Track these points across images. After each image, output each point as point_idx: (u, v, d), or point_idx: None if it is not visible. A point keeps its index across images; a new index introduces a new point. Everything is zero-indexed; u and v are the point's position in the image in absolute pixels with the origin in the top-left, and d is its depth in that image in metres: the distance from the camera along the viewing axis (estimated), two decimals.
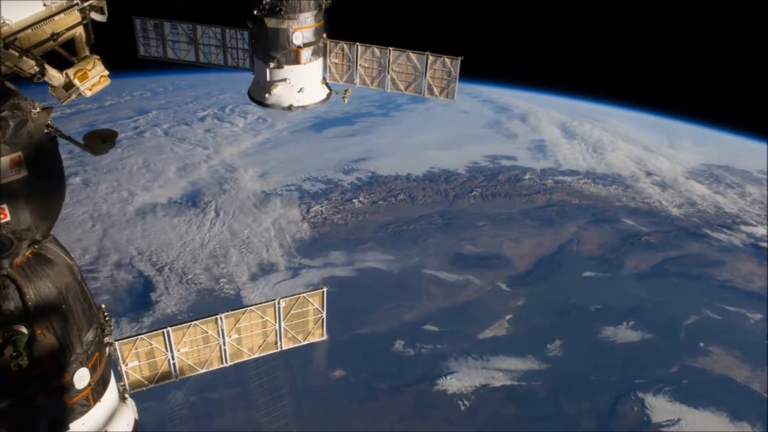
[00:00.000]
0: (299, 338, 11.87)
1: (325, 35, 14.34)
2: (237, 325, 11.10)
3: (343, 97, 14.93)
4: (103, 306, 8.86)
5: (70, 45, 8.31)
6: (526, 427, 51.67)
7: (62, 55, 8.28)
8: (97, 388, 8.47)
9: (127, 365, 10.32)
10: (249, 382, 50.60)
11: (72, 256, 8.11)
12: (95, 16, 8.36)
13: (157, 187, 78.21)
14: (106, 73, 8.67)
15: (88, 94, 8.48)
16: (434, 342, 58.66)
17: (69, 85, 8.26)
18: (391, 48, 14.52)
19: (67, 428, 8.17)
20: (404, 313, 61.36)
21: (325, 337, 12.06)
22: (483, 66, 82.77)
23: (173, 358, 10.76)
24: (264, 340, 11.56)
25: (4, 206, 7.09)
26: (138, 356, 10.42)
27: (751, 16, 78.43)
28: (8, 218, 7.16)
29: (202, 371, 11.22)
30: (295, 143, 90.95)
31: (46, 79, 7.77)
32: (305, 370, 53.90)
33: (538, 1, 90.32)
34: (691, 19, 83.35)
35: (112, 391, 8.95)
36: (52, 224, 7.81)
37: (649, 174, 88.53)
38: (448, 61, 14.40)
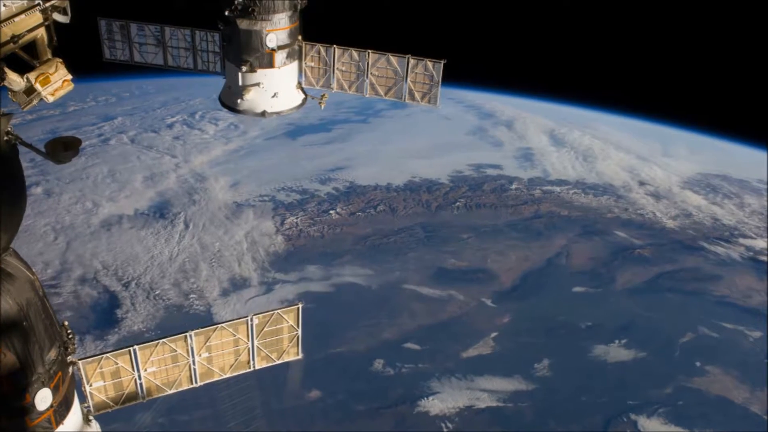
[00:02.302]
0: (273, 357, 11.89)
1: (300, 37, 14.30)
2: (207, 344, 11.10)
3: (320, 103, 14.92)
4: (66, 323, 8.84)
5: (32, 48, 8.28)
6: None
7: (23, 58, 8.24)
8: (60, 410, 8.45)
9: (91, 385, 10.30)
10: (220, 403, 50.45)
11: (33, 270, 8.09)
12: (58, 17, 8.34)
13: (123, 197, 77.86)
14: (70, 77, 8.65)
15: (51, 99, 8.45)
16: (415, 361, 58.59)
17: (30, 90, 8.22)
18: (370, 51, 14.50)
19: None
20: (384, 331, 61.30)
21: (300, 356, 12.08)
22: (467, 70, 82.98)
23: (140, 378, 10.74)
24: (236, 359, 11.57)
25: None
26: (103, 376, 10.39)
27: (748, 19, 79.13)
28: None
29: (170, 392, 11.21)
30: (268, 151, 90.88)
31: (5, 83, 7.76)
32: (279, 391, 53.80)
33: (526, 3, 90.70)
34: (686, 21, 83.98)
35: (75, 412, 8.94)
36: (12, 237, 7.78)
37: (642, 184, 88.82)
38: (430, 64, 14.43)
